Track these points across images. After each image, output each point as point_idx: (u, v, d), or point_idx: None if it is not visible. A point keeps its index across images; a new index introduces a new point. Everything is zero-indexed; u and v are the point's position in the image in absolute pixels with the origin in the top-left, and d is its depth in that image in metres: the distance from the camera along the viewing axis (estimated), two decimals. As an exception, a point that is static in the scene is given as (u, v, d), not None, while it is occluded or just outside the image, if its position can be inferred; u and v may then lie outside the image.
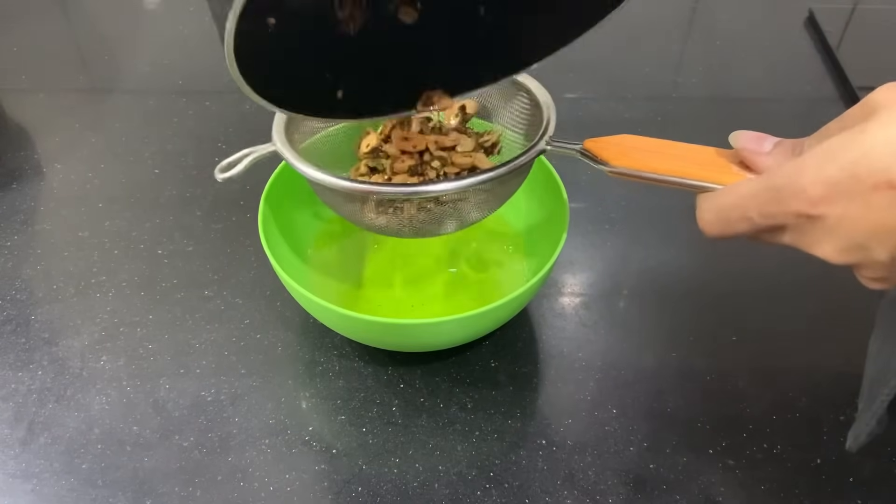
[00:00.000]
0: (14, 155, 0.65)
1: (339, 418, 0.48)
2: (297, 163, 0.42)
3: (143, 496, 0.44)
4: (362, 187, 0.40)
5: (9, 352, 0.51)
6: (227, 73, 0.42)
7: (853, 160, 0.28)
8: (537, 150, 0.42)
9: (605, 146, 0.39)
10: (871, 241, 0.29)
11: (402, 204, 0.42)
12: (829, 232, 0.30)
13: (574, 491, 0.44)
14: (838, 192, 0.29)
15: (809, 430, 0.47)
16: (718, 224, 0.34)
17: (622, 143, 0.39)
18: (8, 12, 0.82)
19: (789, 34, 0.80)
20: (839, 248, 0.30)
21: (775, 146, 0.35)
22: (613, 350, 0.51)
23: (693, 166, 0.37)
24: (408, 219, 0.43)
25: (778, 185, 0.31)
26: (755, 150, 0.35)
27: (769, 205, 0.31)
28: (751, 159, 0.35)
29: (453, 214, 0.43)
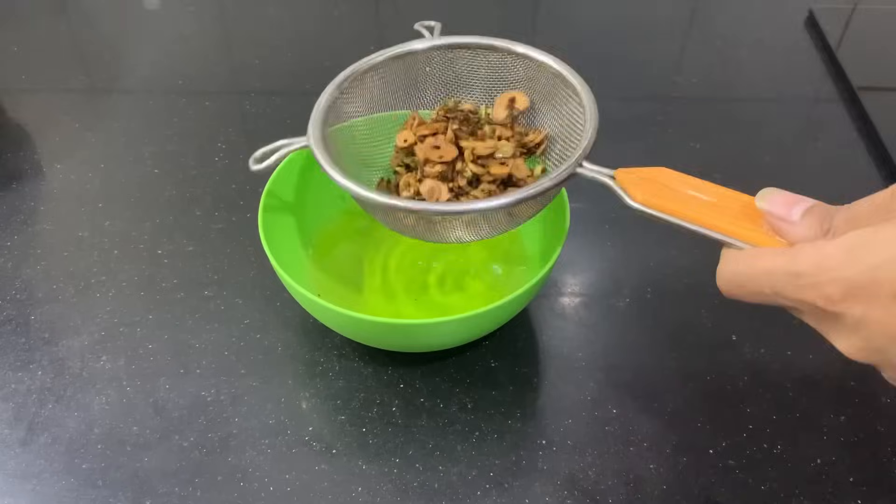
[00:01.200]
0: (14, 155, 0.65)
1: (339, 418, 0.48)
2: (327, 166, 0.42)
3: (143, 496, 0.44)
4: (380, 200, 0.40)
5: (9, 352, 0.51)
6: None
7: (875, 265, 0.28)
8: (568, 172, 0.40)
9: (636, 180, 0.37)
10: (889, 346, 0.29)
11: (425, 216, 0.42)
12: (848, 330, 0.29)
13: (574, 491, 0.44)
14: (857, 295, 0.28)
15: (809, 430, 0.47)
16: (734, 289, 0.33)
17: (656, 177, 0.37)
18: (8, 12, 0.82)
19: (789, 34, 0.80)
20: (857, 348, 0.30)
21: (804, 215, 0.32)
22: (613, 350, 0.51)
23: (724, 218, 0.35)
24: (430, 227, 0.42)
25: (798, 271, 0.30)
26: (782, 218, 0.33)
27: (786, 289, 0.30)
28: (777, 227, 0.33)
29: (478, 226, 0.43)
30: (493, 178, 0.44)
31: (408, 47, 0.48)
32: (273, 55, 0.75)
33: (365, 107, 0.48)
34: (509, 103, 0.47)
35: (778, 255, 0.31)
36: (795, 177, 0.63)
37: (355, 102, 0.48)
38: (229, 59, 0.77)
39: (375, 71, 0.48)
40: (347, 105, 0.47)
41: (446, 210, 0.40)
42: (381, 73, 0.48)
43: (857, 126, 0.68)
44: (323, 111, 0.45)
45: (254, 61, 0.76)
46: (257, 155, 0.44)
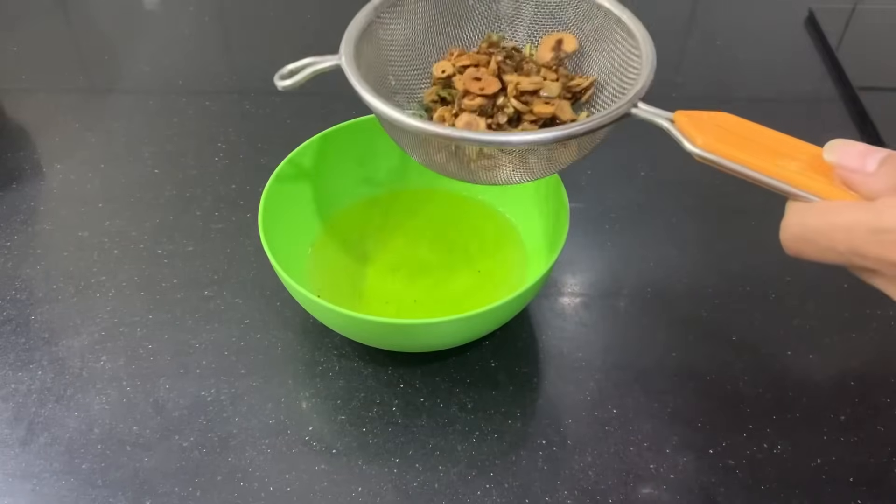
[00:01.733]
0: (14, 155, 0.65)
1: (339, 418, 0.48)
2: (359, 86, 0.39)
3: (143, 496, 0.44)
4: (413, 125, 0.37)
5: (9, 352, 0.51)
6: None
7: None
8: (623, 111, 0.37)
9: (698, 123, 0.34)
10: None
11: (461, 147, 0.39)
12: None
13: (574, 491, 0.44)
14: None
15: (809, 430, 0.47)
16: (801, 245, 0.30)
17: (718, 121, 0.34)
18: (8, 12, 0.82)
19: (789, 34, 0.80)
20: None
21: (881, 164, 0.29)
22: (613, 350, 0.51)
23: (792, 167, 0.32)
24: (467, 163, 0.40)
25: (884, 227, 0.27)
26: (855, 169, 0.30)
27: (866, 246, 0.28)
28: (850, 180, 0.30)
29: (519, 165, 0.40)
30: (535, 118, 0.41)
31: None
32: (273, 55, 0.75)
33: (402, 35, 0.45)
34: (556, 45, 0.44)
35: (859, 210, 0.28)
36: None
37: (392, 28, 0.45)
38: (229, 59, 0.77)
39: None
40: (383, 30, 0.44)
41: (485, 139, 0.37)
42: (423, 2, 0.45)
43: (857, 126, 0.68)
44: (357, 30, 0.42)
45: (254, 61, 0.76)
46: (284, 71, 0.41)
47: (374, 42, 0.44)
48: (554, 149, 0.38)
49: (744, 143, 0.33)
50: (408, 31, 0.46)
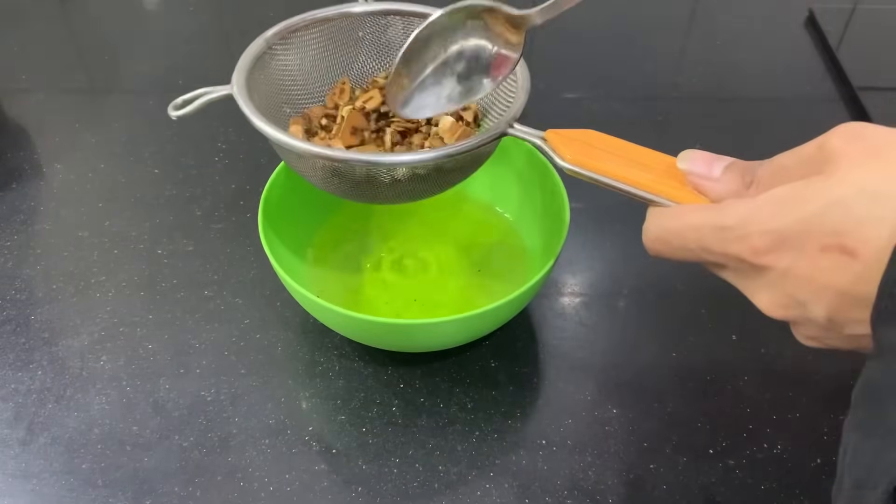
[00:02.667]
0: (14, 155, 0.65)
1: (339, 418, 0.48)
2: (249, 112, 0.41)
3: (142, 496, 0.44)
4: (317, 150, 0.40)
5: (8, 352, 0.51)
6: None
7: (806, 217, 0.28)
8: (498, 132, 0.41)
9: (566, 140, 0.38)
10: (810, 300, 0.29)
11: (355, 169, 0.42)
12: (771, 284, 0.30)
13: (574, 491, 0.44)
14: (786, 246, 0.28)
15: (809, 430, 0.47)
16: (659, 246, 0.33)
17: (585, 139, 0.38)
18: (8, 12, 0.82)
19: (789, 34, 0.80)
20: (777, 303, 0.30)
21: (725, 171, 0.33)
22: (613, 350, 0.51)
23: (651, 177, 0.35)
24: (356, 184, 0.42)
25: (725, 224, 0.30)
26: (703, 175, 0.33)
27: (712, 243, 0.30)
28: (699, 185, 0.34)
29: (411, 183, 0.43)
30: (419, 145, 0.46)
31: (343, 9, 0.48)
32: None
33: (294, 65, 0.48)
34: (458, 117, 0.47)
35: (705, 210, 0.31)
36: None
37: (285, 57, 0.47)
38: (229, 59, 0.77)
39: (307, 29, 0.47)
40: (275, 60, 0.47)
41: (370, 160, 0.40)
42: (314, 33, 0.48)
43: (857, 126, 0.68)
44: (249, 61, 0.45)
45: (254, 61, 0.76)
46: (178, 101, 0.43)
47: (267, 72, 0.47)
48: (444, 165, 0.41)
49: (607, 157, 0.37)
50: (300, 62, 0.48)
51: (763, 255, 0.29)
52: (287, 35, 0.47)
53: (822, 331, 0.30)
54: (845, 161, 0.28)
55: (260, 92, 0.45)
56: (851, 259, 0.27)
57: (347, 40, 0.49)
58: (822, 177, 0.28)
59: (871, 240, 0.26)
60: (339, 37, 0.49)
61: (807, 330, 0.30)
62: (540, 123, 0.41)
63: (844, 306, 0.28)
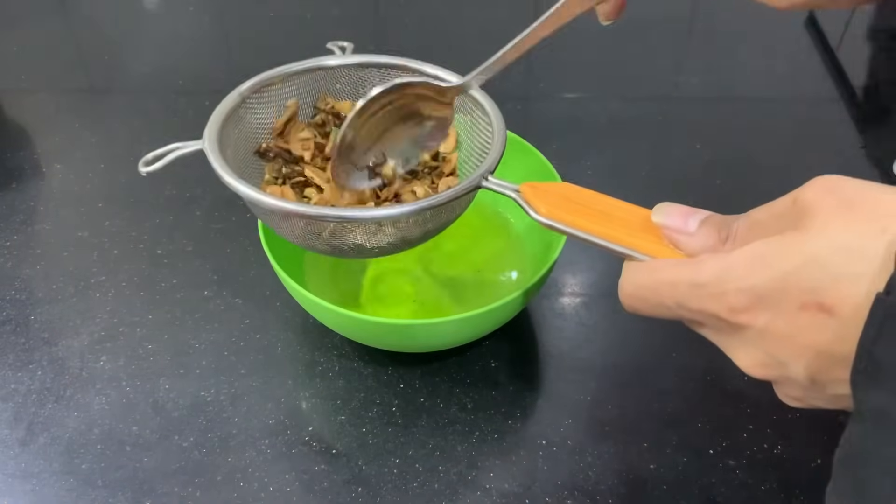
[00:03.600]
0: (14, 155, 0.65)
1: (339, 418, 0.48)
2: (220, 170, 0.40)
3: (142, 496, 0.44)
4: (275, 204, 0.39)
5: (8, 352, 0.51)
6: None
7: (782, 274, 0.27)
8: (473, 185, 0.40)
9: (541, 194, 0.37)
10: (791, 360, 0.28)
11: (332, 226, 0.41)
12: (750, 343, 0.29)
13: (574, 491, 0.44)
14: (763, 304, 0.27)
15: (809, 430, 0.47)
16: (635, 302, 0.32)
17: (561, 191, 0.37)
18: (8, 12, 0.82)
19: (789, 34, 0.80)
20: (757, 362, 0.29)
21: (701, 225, 0.32)
22: (613, 350, 0.51)
23: (625, 231, 0.35)
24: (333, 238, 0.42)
25: (701, 281, 0.29)
26: (678, 230, 0.33)
27: (688, 300, 0.30)
28: (674, 239, 0.33)
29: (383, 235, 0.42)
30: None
31: (318, 62, 0.48)
32: (273, 55, 0.75)
33: (269, 118, 0.47)
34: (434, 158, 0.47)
35: (680, 266, 0.30)
36: (795, 177, 0.62)
37: (260, 111, 0.47)
38: (229, 59, 0.77)
39: (282, 83, 0.47)
40: (250, 114, 0.46)
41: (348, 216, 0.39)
42: (290, 86, 0.47)
43: (857, 126, 0.68)
44: (222, 116, 0.44)
45: (254, 61, 0.76)
46: (148, 157, 0.42)
47: (242, 125, 0.46)
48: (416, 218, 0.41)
49: (582, 211, 0.36)
50: (276, 115, 0.48)
51: (740, 314, 0.28)
52: (262, 89, 0.46)
53: (805, 391, 0.29)
54: (820, 216, 0.27)
55: (234, 146, 0.45)
56: (829, 317, 0.26)
57: (325, 91, 0.49)
58: (797, 233, 0.27)
59: (849, 297, 0.26)
60: (315, 89, 0.49)
61: (789, 390, 0.30)
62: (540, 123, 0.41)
63: (825, 366, 0.27)
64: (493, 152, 0.42)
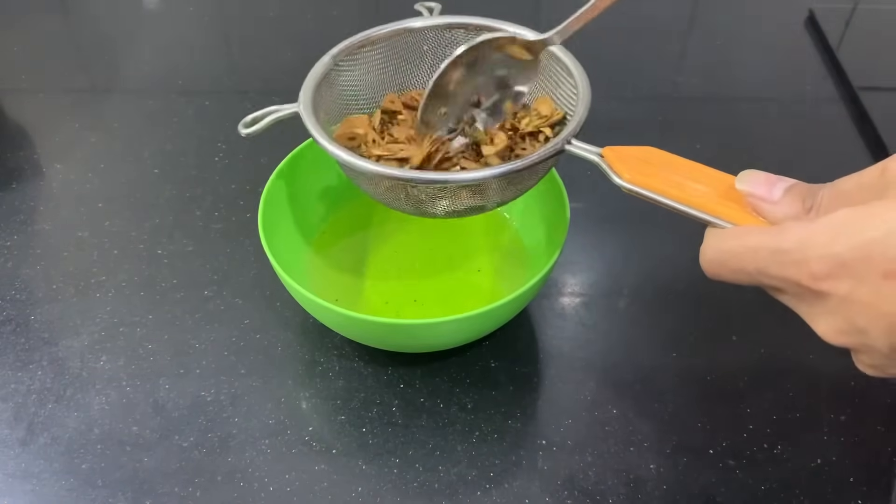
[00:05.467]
0: (14, 155, 0.65)
1: (339, 418, 0.48)
2: (316, 133, 0.42)
3: (142, 496, 0.44)
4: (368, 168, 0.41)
5: (8, 352, 0.51)
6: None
7: (867, 242, 0.27)
8: (556, 149, 0.40)
9: (624, 158, 0.37)
10: (872, 328, 0.28)
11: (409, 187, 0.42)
12: (830, 311, 0.29)
13: (574, 491, 0.44)
14: (846, 272, 0.27)
15: (809, 430, 0.47)
16: (716, 267, 0.33)
17: (643, 156, 0.37)
18: (8, 12, 0.82)
19: (789, 34, 0.80)
20: (837, 329, 0.29)
21: (786, 193, 0.32)
22: (613, 350, 0.51)
23: (709, 197, 0.34)
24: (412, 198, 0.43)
25: (783, 248, 0.29)
26: (763, 198, 0.33)
27: (770, 266, 0.30)
28: (758, 207, 0.33)
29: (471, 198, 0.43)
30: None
31: (406, 24, 0.48)
32: (273, 55, 0.75)
33: (360, 80, 0.48)
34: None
35: (763, 233, 0.31)
36: (795, 177, 0.62)
37: (350, 73, 0.48)
38: (229, 59, 0.77)
39: (372, 45, 0.48)
40: (341, 76, 0.47)
41: (431, 178, 0.40)
42: (379, 49, 0.48)
43: (857, 126, 0.68)
44: (316, 79, 0.45)
45: (254, 61, 0.76)
46: (247, 119, 0.44)
47: (333, 88, 0.47)
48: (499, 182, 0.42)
49: (666, 176, 0.36)
50: (366, 77, 0.49)
51: (822, 281, 0.28)
52: (353, 51, 0.47)
53: (885, 359, 0.29)
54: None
55: (326, 108, 0.46)
56: None
57: (411, 55, 0.49)
58: (883, 202, 0.27)
59: None
60: (403, 51, 0.49)
61: (868, 358, 0.30)
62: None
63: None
64: (578, 114, 0.42)
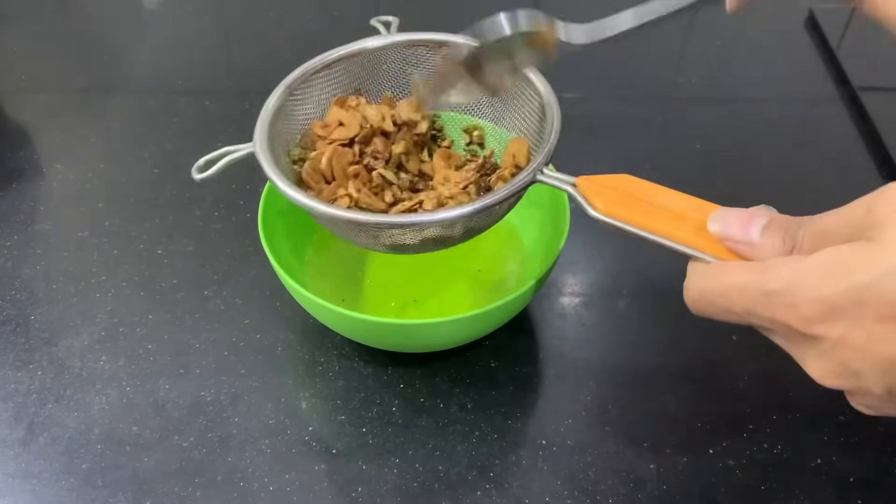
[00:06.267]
0: (14, 155, 0.65)
1: (339, 418, 0.48)
2: (272, 174, 0.40)
3: (142, 496, 0.44)
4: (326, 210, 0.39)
5: (8, 352, 0.51)
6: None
7: (858, 286, 0.26)
8: (527, 180, 0.39)
9: (599, 188, 0.35)
10: (867, 371, 0.27)
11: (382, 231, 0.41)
12: (822, 354, 0.28)
13: (574, 491, 0.44)
14: (838, 315, 0.27)
15: (809, 430, 0.47)
16: (702, 306, 0.31)
17: (620, 185, 0.35)
18: (8, 12, 0.82)
19: (789, 34, 0.80)
20: (830, 372, 0.29)
21: (763, 232, 0.30)
22: (613, 350, 0.51)
23: (690, 229, 0.32)
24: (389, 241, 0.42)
25: (771, 289, 0.28)
26: (740, 241, 0.31)
27: (758, 307, 0.29)
28: (736, 250, 0.31)
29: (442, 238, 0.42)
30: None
31: (361, 45, 0.46)
32: (273, 55, 0.75)
33: (318, 108, 0.46)
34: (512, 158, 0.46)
35: (749, 271, 0.29)
36: (795, 177, 0.63)
37: (307, 104, 0.46)
38: (229, 59, 0.77)
39: (329, 69, 0.46)
40: (298, 107, 0.45)
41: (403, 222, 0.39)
42: (335, 72, 0.46)
43: (857, 126, 0.68)
44: (270, 115, 0.43)
45: (254, 61, 0.76)
46: (200, 163, 0.42)
47: (291, 120, 0.45)
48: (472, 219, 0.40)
49: (643, 207, 0.34)
50: (325, 104, 0.47)
51: (813, 324, 0.27)
52: (308, 78, 0.45)
53: (881, 401, 0.29)
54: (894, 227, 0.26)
55: (284, 142, 0.44)
56: None
57: (371, 76, 0.48)
58: (871, 244, 0.26)
59: None
60: (362, 72, 0.48)
61: (864, 399, 0.29)
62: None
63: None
64: (549, 142, 0.40)
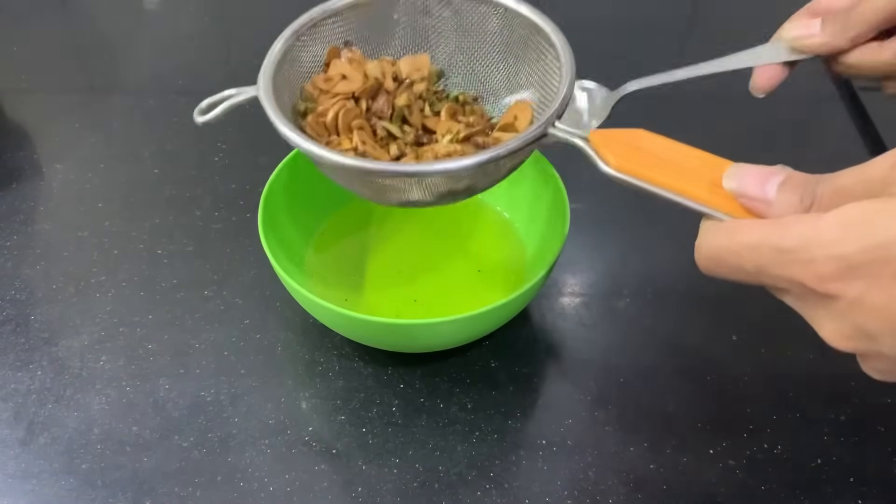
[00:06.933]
0: (14, 155, 0.65)
1: (339, 418, 0.48)
2: (275, 118, 0.39)
3: (142, 496, 0.44)
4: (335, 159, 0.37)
5: (8, 352, 0.51)
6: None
7: (878, 244, 0.25)
8: (538, 133, 0.37)
9: (612, 143, 0.34)
10: (883, 333, 0.26)
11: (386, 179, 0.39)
12: (837, 314, 0.27)
13: (574, 491, 0.44)
14: (855, 274, 0.26)
15: (809, 430, 0.47)
16: (713, 265, 0.30)
17: (634, 141, 0.34)
18: (8, 12, 0.82)
19: (789, 34, 0.80)
20: (844, 334, 0.28)
21: (780, 189, 0.29)
22: (613, 350, 0.51)
23: (705, 186, 0.31)
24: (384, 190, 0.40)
25: (786, 246, 0.27)
26: (755, 198, 0.30)
27: (771, 265, 0.28)
28: (752, 208, 0.30)
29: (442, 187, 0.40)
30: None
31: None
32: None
33: (324, 55, 0.45)
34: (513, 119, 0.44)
35: (764, 227, 0.28)
36: (795, 177, 0.62)
37: (314, 49, 0.44)
38: (229, 59, 0.77)
39: (338, 16, 0.44)
40: (304, 53, 0.44)
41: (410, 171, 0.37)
42: (345, 20, 0.44)
43: (857, 126, 0.68)
44: (276, 58, 0.42)
45: (254, 61, 0.75)
46: (202, 105, 0.40)
47: (295, 66, 0.43)
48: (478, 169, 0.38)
49: (656, 163, 0.33)
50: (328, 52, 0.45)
51: (829, 283, 0.26)
52: (317, 24, 0.44)
53: (895, 365, 0.28)
54: None
55: (290, 88, 0.43)
56: None
57: (381, 24, 0.45)
58: (894, 200, 0.26)
59: None
60: (372, 20, 0.45)
61: (877, 363, 0.29)
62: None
63: None
64: (561, 93, 0.39)
